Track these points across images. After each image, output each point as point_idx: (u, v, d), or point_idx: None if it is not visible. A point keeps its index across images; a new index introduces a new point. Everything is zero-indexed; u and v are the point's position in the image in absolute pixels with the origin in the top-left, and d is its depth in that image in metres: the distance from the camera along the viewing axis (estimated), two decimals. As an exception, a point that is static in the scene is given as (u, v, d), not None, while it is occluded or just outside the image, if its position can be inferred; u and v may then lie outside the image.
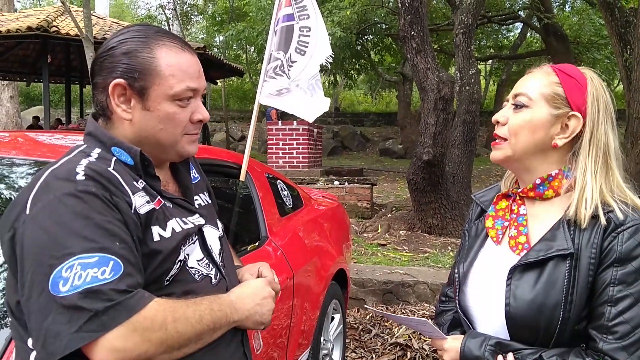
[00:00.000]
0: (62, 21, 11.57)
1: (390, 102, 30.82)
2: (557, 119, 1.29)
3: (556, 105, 1.28)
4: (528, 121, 1.29)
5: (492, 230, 1.39)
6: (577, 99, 1.28)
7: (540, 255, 1.24)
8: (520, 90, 1.32)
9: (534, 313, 1.22)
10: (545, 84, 1.30)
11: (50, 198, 1.07)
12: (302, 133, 10.72)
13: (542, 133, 1.29)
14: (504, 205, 1.40)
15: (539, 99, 1.29)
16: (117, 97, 1.21)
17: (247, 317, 1.27)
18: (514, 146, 1.30)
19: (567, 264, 1.22)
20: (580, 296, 1.20)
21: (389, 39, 18.24)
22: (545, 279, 1.23)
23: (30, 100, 27.12)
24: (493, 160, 1.37)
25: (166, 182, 1.32)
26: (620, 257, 1.18)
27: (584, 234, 1.22)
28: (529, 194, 1.34)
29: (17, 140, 2.52)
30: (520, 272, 1.26)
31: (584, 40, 15.85)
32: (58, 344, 0.99)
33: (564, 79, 1.30)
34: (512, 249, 1.32)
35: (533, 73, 1.35)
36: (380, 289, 4.93)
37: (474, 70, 7.77)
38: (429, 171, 6.84)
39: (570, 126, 1.28)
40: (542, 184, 1.31)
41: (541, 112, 1.29)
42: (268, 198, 2.95)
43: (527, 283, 1.24)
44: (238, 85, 30.67)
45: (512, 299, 1.25)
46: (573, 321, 1.21)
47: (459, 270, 1.43)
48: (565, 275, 1.21)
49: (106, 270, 1.03)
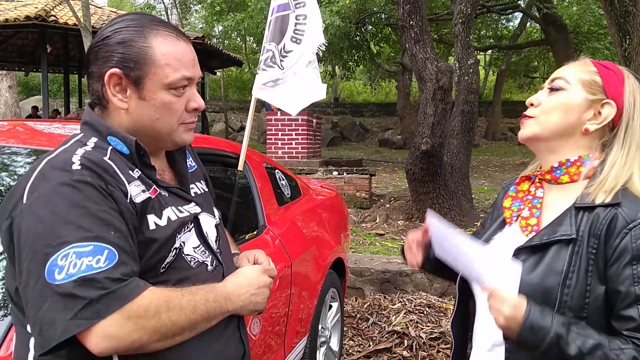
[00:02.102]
0: (60, 10, 11.53)
1: (389, 93, 30.75)
2: (591, 105, 1.29)
3: (592, 91, 1.30)
4: (563, 102, 1.30)
5: (507, 211, 1.41)
6: (614, 90, 1.29)
7: (544, 239, 1.26)
8: (559, 74, 1.34)
9: (531, 293, 1.22)
10: (583, 71, 1.32)
11: (46, 187, 1.09)
12: (301, 124, 10.71)
13: (574, 116, 1.30)
14: (525, 187, 1.41)
15: (576, 83, 1.31)
16: (112, 86, 1.21)
17: (241, 306, 1.29)
18: (543, 124, 1.31)
19: (569, 250, 1.23)
20: (580, 282, 1.20)
21: (388, 29, 18.18)
22: (546, 262, 1.24)
23: (28, 90, 27.04)
24: (520, 138, 1.37)
25: (162, 170, 1.33)
26: (636, 255, 1.18)
27: (589, 222, 1.23)
28: (546, 176, 1.35)
29: (16, 129, 2.53)
30: (524, 253, 1.27)
31: (584, 30, 15.82)
32: (53, 331, 1.01)
33: (601, 69, 1.32)
34: (522, 229, 1.33)
35: (571, 63, 1.37)
36: (378, 278, 4.96)
37: (472, 60, 7.76)
38: (427, 161, 6.85)
39: (604, 113, 1.29)
40: (559, 167, 1.32)
41: (577, 95, 1.30)
42: (266, 187, 2.97)
43: (530, 265, 1.25)
44: (237, 76, 30.57)
45: None
46: (572, 307, 1.20)
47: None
48: (565, 261, 1.22)
49: (101, 259, 1.04)
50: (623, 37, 8.15)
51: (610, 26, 8.46)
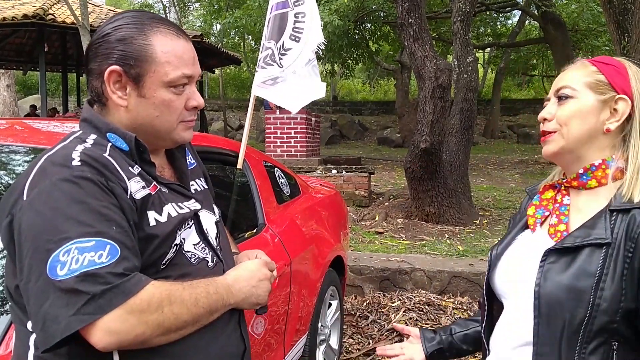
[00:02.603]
0: (59, 9, 11.52)
1: (388, 91, 30.74)
2: (604, 104, 1.28)
3: (601, 92, 1.28)
4: (577, 110, 1.28)
5: (531, 219, 1.39)
6: (621, 83, 1.28)
7: (577, 242, 1.23)
8: (562, 84, 1.32)
9: (562, 294, 1.20)
10: (585, 74, 1.31)
11: (46, 183, 1.08)
12: (300, 122, 10.71)
13: (592, 119, 1.28)
14: (550, 196, 1.39)
15: (583, 88, 1.29)
16: (112, 83, 1.21)
17: (243, 299, 1.29)
18: (567, 135, 1.29)
19: (603, 252, 1.19)
20: (615, 286, 1.17)
21: (386, 27, 18.17)
22: (579, 264, 1.21)
23: (27, 89, 27.00)
24: (546, 155, 1.35)
25: (162, 167, 1.33)
26: None
27: (624, 224, 1.20)
28: (573, 183, 1.33)
29: (14, 128, 2.52)
30: (554, 255, 1.25)
31: (582, 28, 15.82)
32: (56, 326, 1.00)
33: (601, 67, 1.31)
34: (551, 236, 1.31)
35: (569, 68, 1.35)
36: (378, 276, 4.96)
37: (471, 58, 7.75)
38: (426, 159, 6.85)
39: (620, 109, 1.27)
40: (585, 173, 1.30)
41: (587, 99, 1.28)
42: (265, 186, 2.96)
43: (561, 266, 1.23)
44: (236, 74, 30.55)
45: (542, 279, 1.23)
46: (605, 310, 1.17)
47: (492, 253, 1.43)
48: (599, 263, 1.19)
49: (103, 254, 1.04)
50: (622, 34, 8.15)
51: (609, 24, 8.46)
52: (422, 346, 1.58)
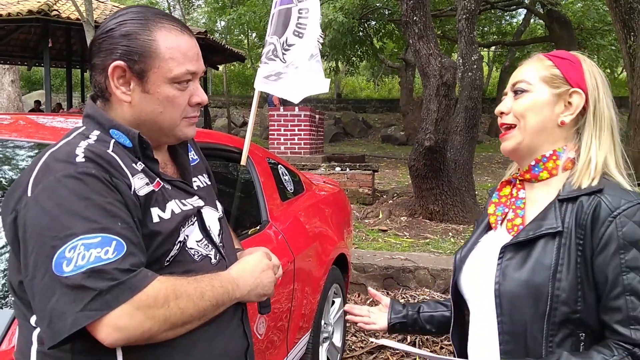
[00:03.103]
0: (63, 5, 11.52)
1: (392, 89, 30.69)
2: (559, 98, 1.30)
3: (556, 85, 1.31)
4: (532, 103, 1.31)
5: (492, 217, 1.40)
6: (575, 77, 1.31)
7: (530, 235, 1.25)
8: (518, 78, 1.35)
9: (522, 291, 1.22)
10: (541, 68, 1.33)
11: (50, 180, 1.08)
12: (304, 119, 10.69)
13: (547, 112, 1.30)
14: (507, 192, 1.41)
15: (538, 82, 1.31)
16: (116, 79, 1.21)
17: (249, 291, 1.29)
18: (523, 129, 1.31)
19: (556, 243, 1.22)
20: (571, 275, 1.19)
21: (391, 25, 18.13)
22: (534, 257, 1.23)
23: (31, 84, 27.04)
24: (504, 151, 1.37)
25: (165, 164, 1.33)
26: (622, 242, 1.17)
27: (574, 213, 1.22)
28: (526, 176, 1.35)
29: (18, 123, 2.52)
30: (511, 251, 1.27)
31: (588, 27, 15.75)
32: (63, 323, 1.00)
33: (556, 61, 1.33)
34: (509, 232, 1.33)
35: (526, 62, 1.38)
36: (381, 274, 4.95)
37: (476, 57, 7.73)
38: (430, 157, 6.83)
39: (574, 102, 1.30)
40: (536, 165, 1.33)
41: (542, 93, 1.31)
42: (269, 183, 2.96)
43: (517, 261, 1.25)
44: (239, 71, 30.54)
45: (501, 277, 1.25)
46: (564, 301, 1.19)
47: (456, 257, 1.45)
48: (553, 254, 1.21)
49: (109, 250, 1.03)
50: (627, 33, 8.11)
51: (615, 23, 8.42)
52: (388, 316, 1.63)
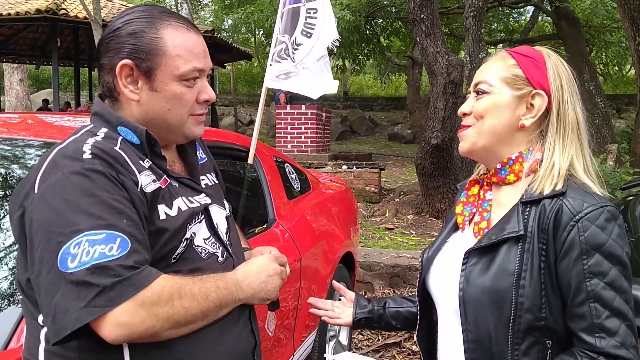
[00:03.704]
0: (71, 4, 11.55)
1: (399, 87, 30.61)
2: (520, 100, 1.25)
3: (517, 87, 1.25)
4: (491, 105, 1.26)
5: (460, 217, 1.37)
6: (538, 77, 1.25)
7: (493, 239, 1.21)
8: (480, 78, 1.30)
9: (485, 297, 1.18)
10: (503, 68, 1.28)
11: (57, 176, 1.08)
12: (311, 117, 10.69)
13: (507, 115, 1.25)
14: (475, 192, 1.38)
15: (499, 83, 1.27)
16: (124, 77, 1.21)
17: (252, 294, 1.28)
18: (480, 130, 1.27)
19: (519, 248, 1.18)
20: (534, 281, 1.15)
21: (398, 23, 18.07)
22: (498, 263, 1.19)
23: (39, 83, 27.16)
24: (461, 152, 1.33)
25: (172, 161, 1.33)
26: (585, 247, 1.13)
27: (536, 216, 1.18)
28: (493, 179, 1.31)
29: (26, 122, 2.54)
30: (475, 256, 1.23)
31: (596, 24, 15.65)
32: (67, 319, 1.00)
33: (519, 59, 1.27)
34: (475, 235, 1.29)
35: (490, 60, 1.34)
36: (388, 272, 4.95)
37: (483, 54, 7.68)
38: (437, 155, 6.82)
39: (536, 105, 1.24)
40: (503, 168, 1.29)
41: (503, 94, 1.26)
42: (276, 181, 2.96)
43: (481, 267, 1.21)
44: (247, 69, 30.55)
45: (465, 283, 1.22)
46: (528, 308, 1.15)
47: (423, 257, 1.41)
48: (517, 260, 1.17)
49: (114, 247, 1.04)
50: (636, 30, 8.05)
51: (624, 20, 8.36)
52: (353, 310, 1.60)
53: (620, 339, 1.11)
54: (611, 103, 17.58)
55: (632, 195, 3.53)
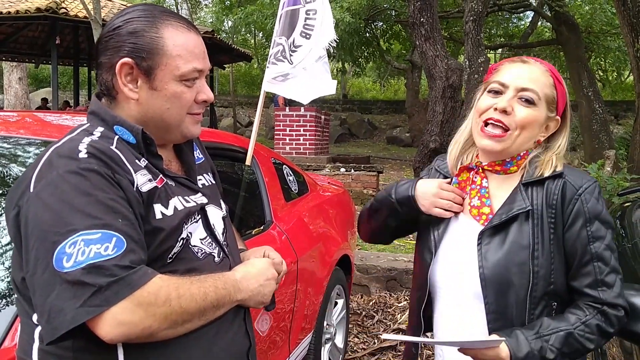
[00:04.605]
0: (71, 2, 11.55)
1: (398, 90, 30.62)
2: (546, 120, 1.41)
3: (551, 109, 1.40)
4: (533, 119, 1.38)
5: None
6: (561, 103, 1.41)
7: (503, 217, 1.36)
8: (530, 85, 1.38)
9: (505, 271, 1.33)
10: (547, 85, 1.39)
11: (53, 175, 1.08)
12: (310, 120, 10.70)
13: (537, 131, 1.40)
14: (465, 177, 1.49)
15: (543, 100, 1.39)
16: (124, 76, 1.21)
17: (249, 296, 1.28)
18: (515, 139, 1.38)
19: (530, 223, 1.35)
20: (545, 251, 1.33)
21: (398, 26, 18.10)
22: (511, 238, 1.35)
23: (38, 82, 27.12)
24: (491, 150, 1.41)
25: (169, 161, 1.33)
26: (589, 217, 1.33)
27: (540, 194, 1.36)
28: (496, 168, 1.44)
29: (25, 120, 2.53)
30: (488, 235, 1.37)
31: (596, 30, 15.68)
32: (62, 318, 1.00)
33: (556, 83, 1.41)
34: (475, 218, 1.43)
35: (532, 68, 1.41)
36: (384, 275, 4.95)
37: (483, 59, 7.71)
38: (435, 159, 6.82)
39: (551, 127, 1.42)
40: (510, 161, 1.43)
41: (543, 112, 1.39)
42: (274, 183, 2.96)
43: (496, 244, 1.36)
44: (246, 71, 30.55)
45: (484, 261, 1.35)
46: (543, 276, 1.33)
47: (434, 236, 1.49)
48: (529, 233, 1.34)
49: (109, 247, 1.04)
50: (635, 37, 8.07)
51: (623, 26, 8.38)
52: None
53: (618, 290, 1.33)
54: (609, 109, 17.62)
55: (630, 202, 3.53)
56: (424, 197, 1.49)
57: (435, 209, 1.47)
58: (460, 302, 1.43)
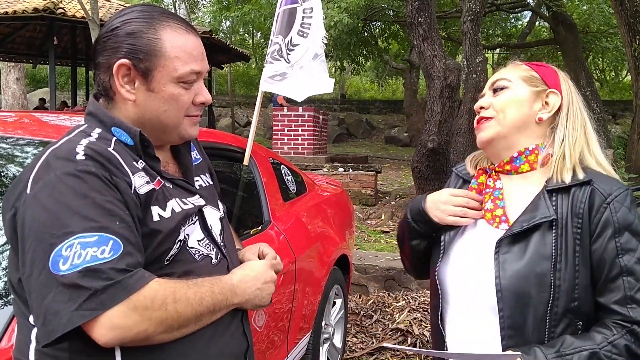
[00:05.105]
0: (69, 3, 11.53)
1: (396, 90, 30.64)
2: (537, 96, 1.37)
3: (534, 84, 1.38)
4: (512, 98, 1.37)
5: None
6: (552, 80, 1.39)
7: (525, 225, 1.27)
8: (499, 77, 1.41)
9: (524, 283, 1.24)
10: (520, 69, 1.41)
11: (50, 177, 1.08)
12: (308, 119, 10.69)
13: (526, 108, 1.36)
14: (483, 180, 1.44)
15: (517, 80, 1.38)
16: (121, 77, 1.20)
17: (247, 300, 1.28)
18: (502, 121, 1.36)
19: (553, 233, 1.25)
20: (569, 263, 1.23)
21: (396, 26, 18.10)
22: (533, 248, 1.25)
23: (36, 82, 27.07)
24: (482, 141, 1.40)
25: (166, 162, 1.32)
26: (618, 227, 1.23)
27: (565, 202, 1.27)
28: (505, 167, 1.39)
29: (23, 121, 2.53)
30: (507, 244, 1.28)
31: (593, 30, 15.70)
32: (58, 321, 1.00)
33: (533, 67, 1.41)
34: (489, 222, 1.37)
35: (503, 68, 1.46)
36: (383, 275, 4.95)
37: (480, 59, 7.71)
38: (433, 159, 6.83)
39: (551, 102, 1.37)
40: (518, 157, 1.37)
41: (522, 89, 1.37)
42: (272, 183, 2.96)
43: (515, 254, 1.27)
44: (244, 71, 30.51)
45: (501, 271, 1.26)
46: (565, 290, 1.23)
47: (445, 238, 1.43)
48: (552, 244, 1.24)
49: (106, 250, 1.03)
50: (633, 37, 8.08)
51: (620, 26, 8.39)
52: None
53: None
54: (607, 108, 17.62)
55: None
56: (435, 206, 1.43)
57: (449, 218, 1.40)
58: (472, 312, 1.35)
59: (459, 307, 1.38)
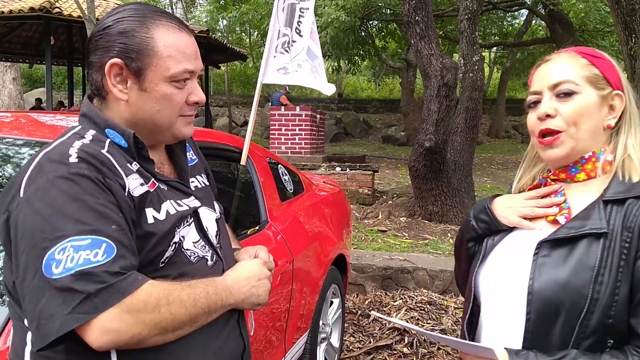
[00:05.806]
0: (65, 2, 11.51)
1: (393, 89, 30.67)
2: (604, 101, 1.24)
3: (600, 87, 1.24)
4: (584, 107, 1.22)
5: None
6: (614, 77, 1.25)
7: (571, 233, 1.18)
8: (560, 78, 1.25)
9: (559, 290, 1.16)
10: (580, 67, 1.25)
11: (43, 180, 1.07)
12: (305, 119, 10.67)
13: (597, 117, 1.24)
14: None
15: (584, 83, 1.24)
16: (113, 77, 1.19)
17: (243, 299, 1.27)
18: (575, 135, 1.23)
19: (601, 245, 1.16)
20: (612, 278, 1.13)
21: (393, 25, 18.12)
22: (576, 257, 1.17)
23: (32, 82, 27.02)
24: (554, 160, 1.28)
25: (161, 163, 1.31)
26: None
27: (619, 214, 1.17)
28: (560, 175, 1.29)
29: (19, 121, 2.52)
30: (548, 247, 1.20)
31: (590, 28, 15.74)
32: (51, 325, 0.99)
33: (593, 60, 1.26)
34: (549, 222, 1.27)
35: (557, 59, 1.29)
36: (380, 274, 4.95)
37: (477, 57, 7.71)
38: (430, 158, 6.83)
39: (617, 106, 1.25)
40: (574, 166, 1.27)
41: (591, 95, 1.24)
42: (269, 182, 2.95)
43: (555, 259, 1.19)
44: (241, 70, 30.51)
45: (537, 273, 1.19)
46: (602, 306, 1.13)
47: (487, 242, 1.36)
48: (597, 256, 1.15)
49: (99, 253, 1.02)
50: (629, 35, 8.09)
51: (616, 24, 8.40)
52: None
53: None
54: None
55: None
56: (504, 205, 1.35)
57: (517, 218, 1.31)
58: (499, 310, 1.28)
59: (488, 307, 1.32)
